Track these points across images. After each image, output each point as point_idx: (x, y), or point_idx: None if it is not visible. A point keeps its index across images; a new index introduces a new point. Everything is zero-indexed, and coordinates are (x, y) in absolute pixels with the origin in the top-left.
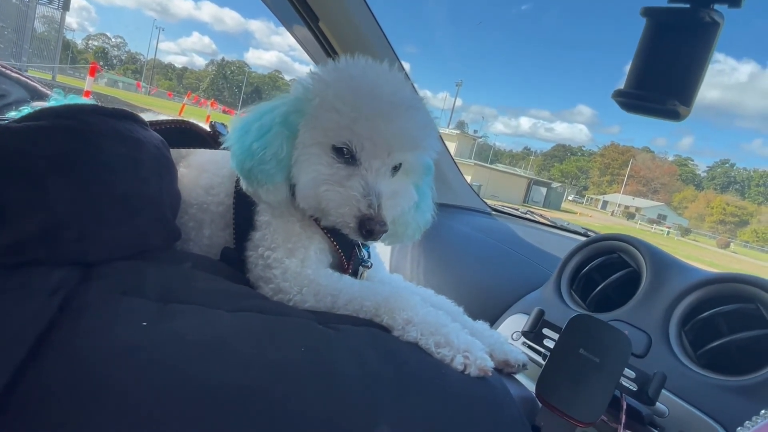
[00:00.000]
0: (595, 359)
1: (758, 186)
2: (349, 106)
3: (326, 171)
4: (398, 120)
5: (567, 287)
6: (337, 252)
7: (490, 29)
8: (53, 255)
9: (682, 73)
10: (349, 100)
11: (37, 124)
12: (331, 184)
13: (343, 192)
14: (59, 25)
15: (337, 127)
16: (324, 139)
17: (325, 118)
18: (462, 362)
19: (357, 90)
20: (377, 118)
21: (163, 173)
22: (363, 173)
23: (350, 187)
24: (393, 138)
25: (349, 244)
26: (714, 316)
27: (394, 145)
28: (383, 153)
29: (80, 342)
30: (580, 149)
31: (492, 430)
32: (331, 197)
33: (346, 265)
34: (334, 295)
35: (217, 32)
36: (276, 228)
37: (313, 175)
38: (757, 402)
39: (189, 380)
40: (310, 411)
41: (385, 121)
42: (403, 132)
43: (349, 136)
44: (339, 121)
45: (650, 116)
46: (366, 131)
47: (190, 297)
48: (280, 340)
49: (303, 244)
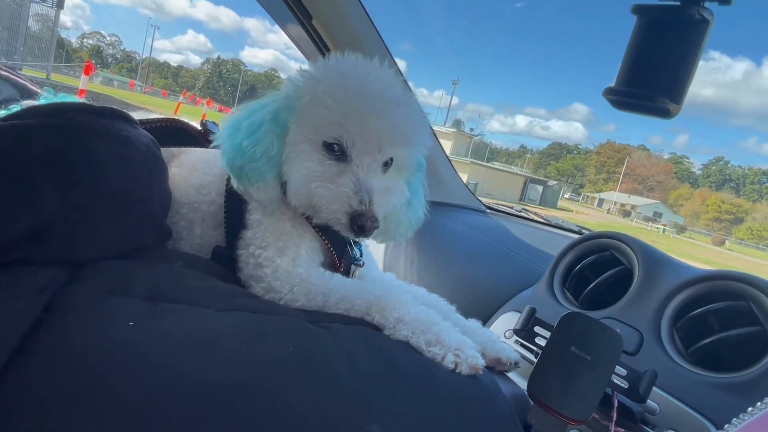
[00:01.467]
0: (586, 357)
1: (753, 184)
2: (339, 102)
3: (317, 168)
4: (388, 115)
5: (559, 285)
6: (328, 250)
7: (486, 26)
8: (42, 253)
9: (672, 71)
10: (339, 96)
11: (24, 123)
12: (322, 180)
13: (334, 188)
14: (53, 24)
15: (327, 124)
16: (314, 136)
17: (315, 114)
18: (453, 360)
19: (347, 86)
20: (367, 114)
21: (153, 171)
22: (354, 170)
23: (341, 184)
24: (383, 134)
25: (341, 243)
26: (705, 314)
27: (385, 140)
28: (374, 149)
29: (67, 340)
30: (576, 147)
31: (483, 428)
32: (322, 194)
33: (337, 263)
34: (326, 294)
35: (212, 30)
36: (267, 227)
37: (304, 172)
38: (747, 399)
39: (178, 378)
40: (300, 409)
41: (375, 116)
42: (394, 128)
43: (339, 132)
44: (329, 117)
45: (641, 114)
46: (356, 127)
47: (180, 296)
48: (270, 339)
49: (294, 243)
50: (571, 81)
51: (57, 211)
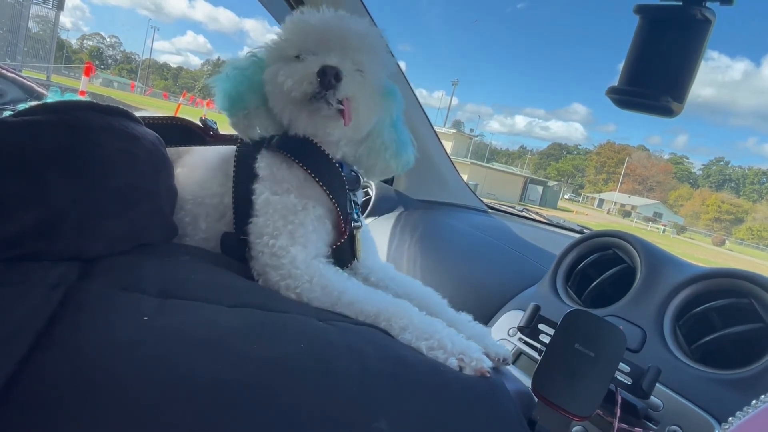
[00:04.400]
0: (590, 354)
1: (753, 184)
2: (300, 27)
3: (289, 67)
4: (345, 23)
5: (563, 283)
6: (335, 212)
7: (486, 27)
8: (52, 248)
9: (674, 70)
10: (300, 24)
11: (34, 119)
12: (293, 72)
13: (301, 68)
14: (53, 25)
15: (292, 46)
16: (284, 55)
17: (283, 47)
18: (456, 365)
19: (306, 19)
20: (327, 26)
21: (159, 168)
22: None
23: (307, 66)
24: (343, 37)
25: (344, 204)
26: (708, 311)
27: (346, 43)
28: (338, 51)
29: (80, 336)
30: (576, 147)
31: (489, 425)
32: (290, 74)
33: (343, 227)
34: (341, 292)
35: (211, 31)
36: (275, 207)
37: (281, 74)
38: (749, 395)
39: (187, 375)
40: (308, 406)
41: (334, 26)
42: (352, 32)
43: (303, 46)
44: (294, 40)
45: (643, 113)
46: (318, 36)
47: (190, 292)
48: (279, 336)
49: (300, 220)
50: (570, 81)
51: (66, 205)
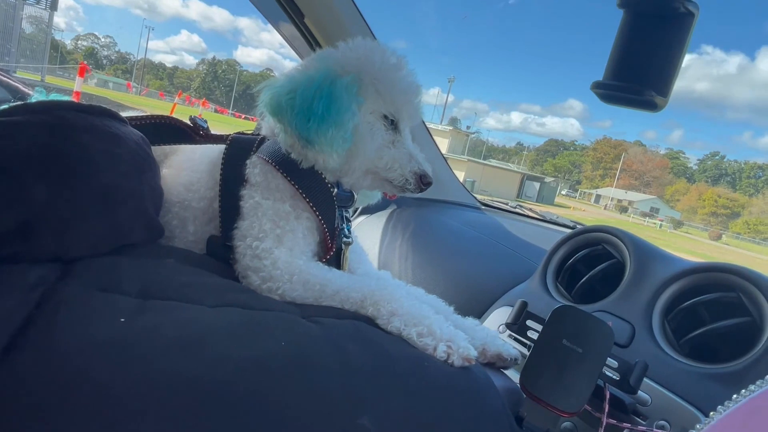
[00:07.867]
0: (578, 350)
1: (749, 178)
2: (389, 83)
3: (386, 136)
4: (417, 95)
5: (552, 279)
6: (322, 228)
7: (480, 23)
8: (31, 249)
9: (658, 64)
10: (389, 78)
11: (12, 119)
12: (388, 147)
13: (397, 153)
14: (47, 25)
15: (381, 99)
16: (376, 109)
17: (370, 90)
18: (445, 351)
19: (384, 65)
20: (412, 94)
21: (143, 168)
22: (400, 138)
23: (400, 149)
24: (415, 110)
25: (332, 220)
26: (696, 305)
27: (416, 115)
28: (408, 121)
29: (56, 337)
30: (572, 144)
31: (474, 421)
32: (392, 157)
33: (329, 243)
34: (323, 285)
35: (205, 30)
36: (265, 211)
37: (379, 141)
38: (737, 389)
39: (164, 375)
40: (290, 404)
41: (413, 96)
42: (419, 105)
43: (392, 108)
44: (383, 92)
45: (628, 107)
46: (403, 104)
47: (171, 293)
48: (261, 335)
49: (291, 227)
50: (565, 77)
51: (45, 206)
